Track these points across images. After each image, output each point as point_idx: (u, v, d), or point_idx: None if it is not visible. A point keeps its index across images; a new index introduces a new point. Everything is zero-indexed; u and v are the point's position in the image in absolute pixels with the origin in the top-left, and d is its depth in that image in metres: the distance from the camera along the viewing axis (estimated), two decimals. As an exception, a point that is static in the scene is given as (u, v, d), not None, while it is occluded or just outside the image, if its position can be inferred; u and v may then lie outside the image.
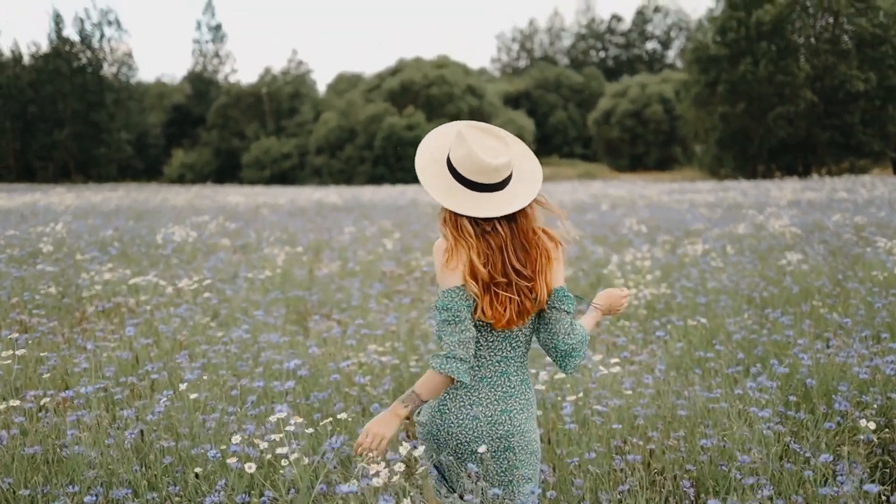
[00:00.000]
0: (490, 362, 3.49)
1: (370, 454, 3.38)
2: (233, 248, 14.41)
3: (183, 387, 5.12)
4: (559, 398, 5.66)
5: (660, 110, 76.78)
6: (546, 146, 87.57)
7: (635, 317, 8.75)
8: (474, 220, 3.39)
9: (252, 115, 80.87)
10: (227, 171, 77.22)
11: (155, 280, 8.64)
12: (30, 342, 6.91)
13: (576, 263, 11.65)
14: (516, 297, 3.38)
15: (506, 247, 3.39)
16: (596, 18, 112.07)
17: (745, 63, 56.32)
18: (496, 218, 3.38)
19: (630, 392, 5.55)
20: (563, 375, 5.54)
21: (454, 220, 3.42)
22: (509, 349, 3.50)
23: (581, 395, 5.50)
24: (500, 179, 3.39)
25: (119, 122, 79.75)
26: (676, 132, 75.39)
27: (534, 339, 3.62)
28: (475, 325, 3.43)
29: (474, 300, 3.36)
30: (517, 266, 3.39)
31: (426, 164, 3.51)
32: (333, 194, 33.50)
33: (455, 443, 3.51)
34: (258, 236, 15.97)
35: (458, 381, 3.44)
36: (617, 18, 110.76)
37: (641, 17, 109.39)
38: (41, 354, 6.55)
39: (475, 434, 3.48)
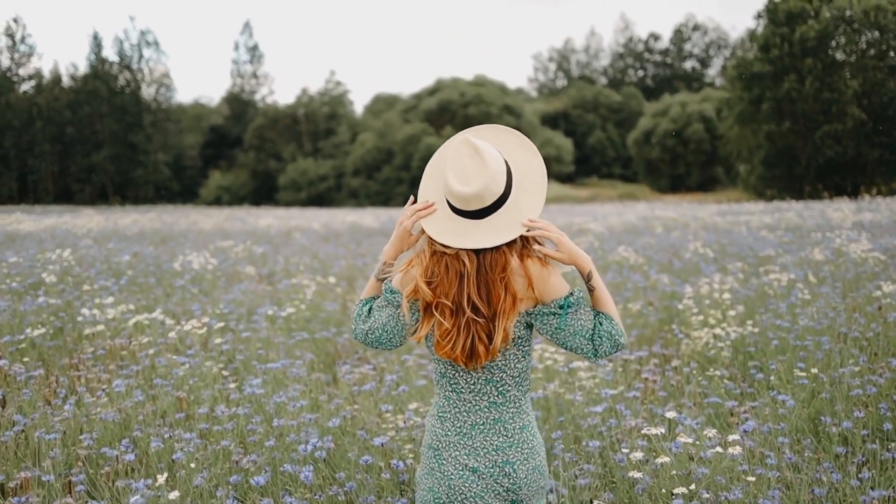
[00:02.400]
0: (478, 407, 3.21)
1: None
2: (258, 276, 13.24)
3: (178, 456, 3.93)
4: (663, 490, 4.38)
5: (701, 129, 75.56)
6: (585, 167, 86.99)
7: (720, 360, 7.49)
8: (437, 242, 3.16)
9: (289, 136, 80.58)
10: (263, 192, 76.89)
11: (161, 317, 7.44)
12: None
13: (642, 295, 10.40)
14: (465, 333, 3.10)
15: (466, 277, 3.11)
16: (634, 37, 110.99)
17: (790, 80, 55.04)
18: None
19: (752, 478, 4.27)
20: (664, 459, 4.28)
21: (420, 232, 3.27)
22: (496, 393, 3.20)
23: (693, 486, 4.21)
24: (472, 208, 3.11)
25: (156, 144, 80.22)
26: (718, 152, 73.99)
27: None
28: (451, 364, 3.20)
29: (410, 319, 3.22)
30: (475, 301, 3.10)
31: (431, 174, 3.32)
32: (369, 216, 32.39)
33: (459, 498, 3.18)
34: (286, 263, 14.81)
35: (441, 423, 3.25)
36: (655, 37, 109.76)
37: (679, 36, 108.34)
38: (9, 414, 5.39)
39: (478, 489, 3.18)
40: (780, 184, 57.01)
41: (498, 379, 3.19)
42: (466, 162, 3.09)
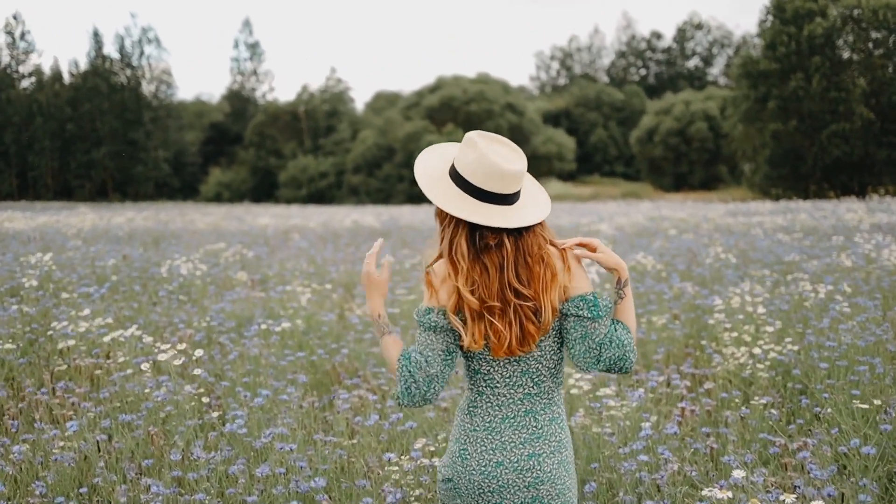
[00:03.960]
0: (511, 401, 3.20)
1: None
2: (250, 282, 12.45)
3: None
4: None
5: (704, 128, 75.01)
6: (587, 164, 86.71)
7: (758, 383, 6.74)
8: (473, 238, 3.13)
9: (289, 133, 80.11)
10: (263, 189, 76.40)
11: (139, 333, 6.67)
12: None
13: (666, 306, 9.65)
14: (515, 322, 3.11)
15: (507, 265, 3.12)
16: (636, 36, 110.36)
17: (797, 78, 54.43)
18: (504, 231, 3.13)
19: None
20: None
21: (450, 236, 3.16)
22: (532, 384, 3.20)
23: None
24: (512, 190, 3.14)
25: (157, 141, 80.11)
26: (722, 151, 73.45)
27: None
28: (488, 360, 3.20)
29: (457, 333, 3.16)
30: (517, 286, 3.11)
31: (426, 171, 3.26)
32: (370, 215, 31.57)
33: (478, 493, 3.17)
34: (281, 268, 14.01)
35: (471, 418, 3.24)
36: (657, 36, 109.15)
37: (682, 35, 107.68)
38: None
39: (500, 483, 3.15)
40: (785, 183, 56.39)
41: (534, 370, 3.19)
42: (498, 147, 3.14)
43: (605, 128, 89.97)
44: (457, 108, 74.40)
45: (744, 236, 18.12)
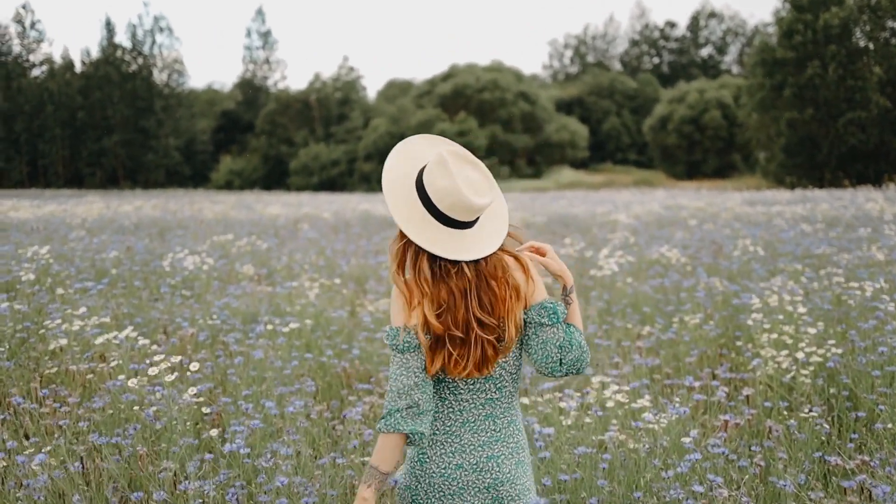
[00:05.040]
0: (473, 405, 3.22)
1: None
2: (257, 276, 11.94)
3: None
4: None
5: (718, 116, 74.36)
6: (600, 152, 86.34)
7: (801, 389, 6.24)
8: (436, 262, 3.12)
9: (301, 121, 79.69)
10: (274, 177, 76.00)
11: (134, 335, 6.19)
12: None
13: (697, 304, 9.13)
14: (477, 350, 3.11)
15: (470, 292, 3.11)
16: (650, 24, 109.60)
17: (813, 66, 53.80)
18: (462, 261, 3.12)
19: None
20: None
21: (413, 260, 3.13)
22: (494, 390, 3.23)
23: None
24: (474, 217, 3.13)
25: (168, 129, 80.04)
26: (736, 139, 72.84)
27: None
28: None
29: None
30: (480, 316, 3.11)
31: (393, 183, 3.17)
32: (381, 204, 31.05)
33: (439, 495, 3.18)
34: (290, 260, 13.49)
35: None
36: (671, 24, 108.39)
37: (696, 23, 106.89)
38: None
39: (460, 485, 3.17)
40: (800, 171, 55.75)
41: (497, 376, 3.22)
42: (472, 174, 3.09)
43: (618, 116, 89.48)
44: (469, 97, 74.11)
45: (767, 227, 17.56)
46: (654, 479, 4.55)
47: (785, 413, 5.73)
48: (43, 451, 4.27)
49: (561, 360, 3.19)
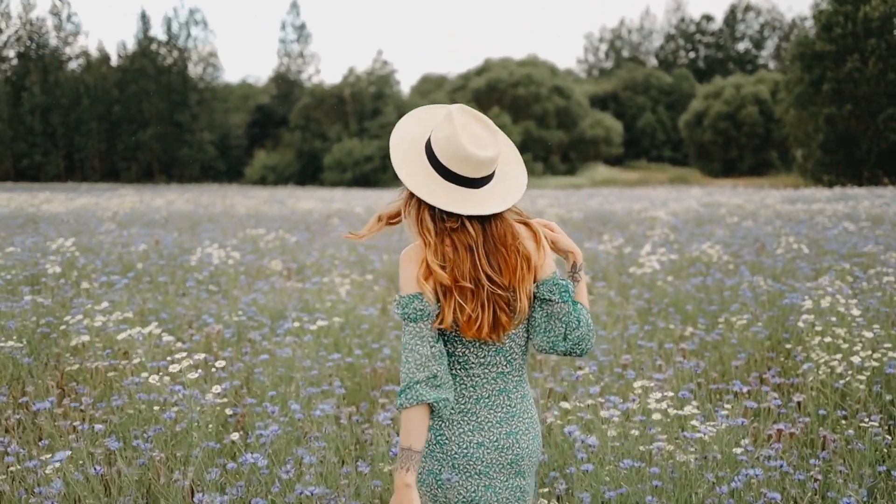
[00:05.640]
0: (485, 380, 3.15)
1: None
2: (287, 272, 11.69)
3: None
4: None
5: (755, 112, 73.57)
6: (634, 149, 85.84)
7: (855, 396, 5.88)
8: (437, 215, 3.04)
9: (335, 116, 79.53)
10: (308, 172, 75.92)
11: (158, 332, 5.95)
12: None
13: (746, 306, 8.75)
14: (489, 307, 3.02)
15: (476, 249, 3.03)
16: (686, 18, 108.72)
17: (853, 61, 53.02)
18: (465, 215, 3.02)
19: None
20: None
21: (415, 212, 3.07)
22: (505, 363, 3.16)
23: None
24: (478, 175, 3.03)
25: (202, 123, 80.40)
26: (773, 135, 72.02)
27: None
28: (462, 341, 3.11)
29: (435, 309, 3.03)
30: (489, 272, 3.02)
31: (402, 139, 3.14)
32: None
33: (464, 476, 3.10)
34: (320, 255, 13.21)
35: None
36: (707, 18, 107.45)
37: (733, 17, 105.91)
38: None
39: (484, 463, 3.11)
40: (838, 169, 55.01)
41: (508, 349, 3.16)
42: (475, 128, 3.04)
43: (653, 112, 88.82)
44: (503, 91, 73.83)
45: (810, 225, 17.14)
46: (707, 495, 4.24)
47: (843, 422, 5.40)
48: (57, 455, 4.00)
49: (566, 335, 3.12)
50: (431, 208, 3.06)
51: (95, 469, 4.07)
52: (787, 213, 21.28)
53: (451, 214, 3.04)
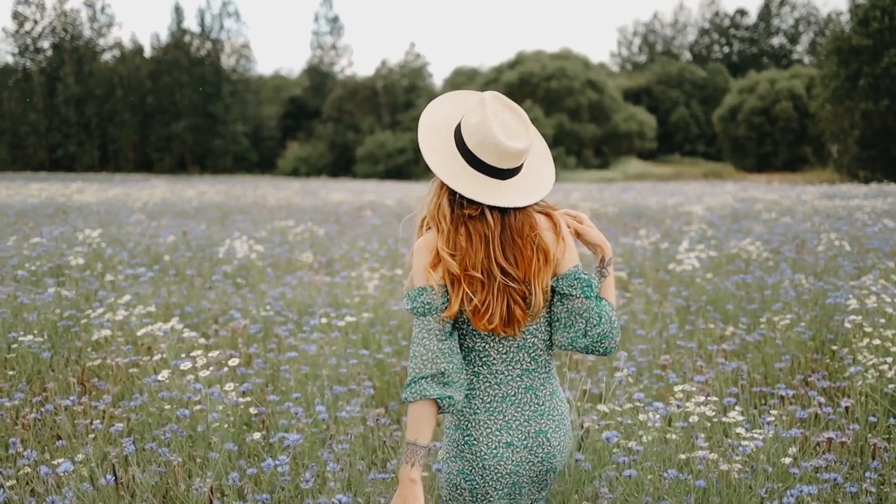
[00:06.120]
0: (510, 377, 3.07)
1: None
2: (316, 265, 11.49)
3: None
4: None
5: (789, 107, 72.72)
6: (667, 143, 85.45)
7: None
8: (456, 201, 2.97)
9: (367, 108, 79.58)
10: (341, 164, 76.03)
11: (180, 327, 5.76)
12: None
13: (789, 305, 8.45)
14: (502, 299, 2.94)
15: (491, 240, 2.94)
16: (720, 12, 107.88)
17: (890, 55, 52.34)
18: (484, 204, 2.94)
19: None
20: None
21: (435, 196, 3.03)
22: (529, 360, 3.08)
23: None
24: (507, 166, 2.94)
25: (235, 115, 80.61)
26: (808, 131, 71.25)
27: None
28: (481, 335, 3.03)
29: (444, 302, 2.95)
30: (503, 263, 2.94)
31: (432, 122, 3.07)
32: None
33: (495, 477, 3.02)
34: (350, 248, 13.01)
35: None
36: (741, 12, 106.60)
37: (767, 12, 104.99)
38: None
39: (515, 463, 3.04)
40: (874, 165, 54.35)
41: (530, 345, 3.08)
42: (507, 117, 2.95)
43: (686, 106, 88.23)
44: (536, 85, 73.52)
45: (850, 222, 16.77)
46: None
47: (895, 430, 5.13)
48: (63, 466, 3.80)
49: (586, 331, 3.01)
50: (452, 194, 2.99)
51: (106, 478, 3.87)
52: (825, 209, 20.90)
53: (471, 202, 2.96)
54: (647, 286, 10.14)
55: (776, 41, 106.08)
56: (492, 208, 2.96)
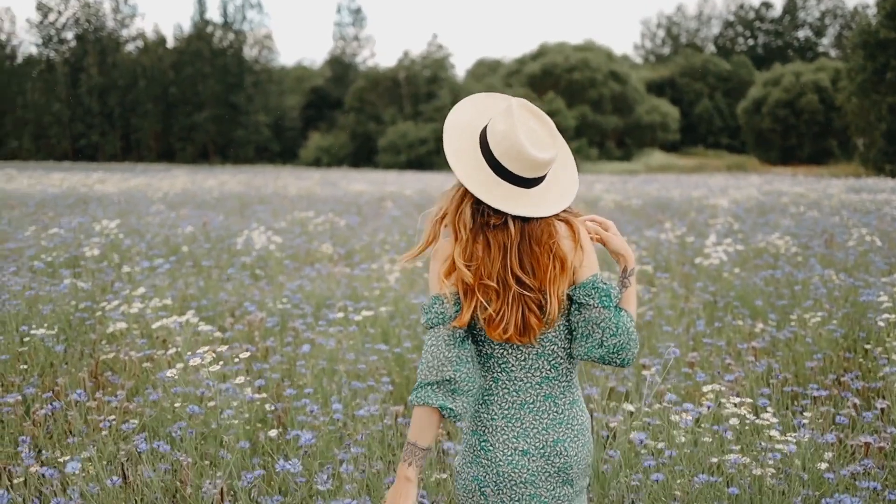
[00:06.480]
0: (529, 385, 3.00)
1: None
2: (336, 256, 11.32)
3: None
4: None
5: (815, 100, 72.17)
6: (691, 136, 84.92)
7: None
8: (480, 210, 2.89)
9: (389, 99, 79.48)
10: (362, 155, 75.95)
11: (195, 321, 5.62)
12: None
13: (820, 302, 8.21)
14: (517, 310, 2.87)
15: (509, 249, 2.88)
16: (745, 5, 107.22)
17: (918, 49, 51.97)
18: (509, 215, 2.86)
19: None
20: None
21: (457, 203, 2.93)
22: (549, 368, 3.00)
23: None
24: (532, 175, 2.87)
25: (257, 105, 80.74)
26: (833, 124, 70.68)
27: None
28: (499, 342, 2.96)
29: (456, 310, 2.90)
30: (518, 273, 2.87)
31: (456, 125, 2.99)
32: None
33: (510, 485, 2.97)
34: (371, 240, 12.84)
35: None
36: (767, 5, 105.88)
37: (793, 4, 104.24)
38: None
39: (530, 472, 2.97)
40: (901, 158, 53.97)
41: (549, 352, 3.01)
42: (534, 125, 2.89)
43: (710, 98, 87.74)
44: (559, 76, 73.30)
45: (878, 216, 16.50)
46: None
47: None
48: (70, 466, 3.66)
49: (602, 342, 2.93)
50: (476, 202, 2.92)
51: (112, 480, 3.71)
52: (852, 203, 20.63)
53: (496, 211, 2.89)
54: (672, 280, 9.95)
55: (801, 34, 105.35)
56: (515, 217, 2.90)
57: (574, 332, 2.99)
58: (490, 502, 3.02)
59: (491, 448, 3.00)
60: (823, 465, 4.03)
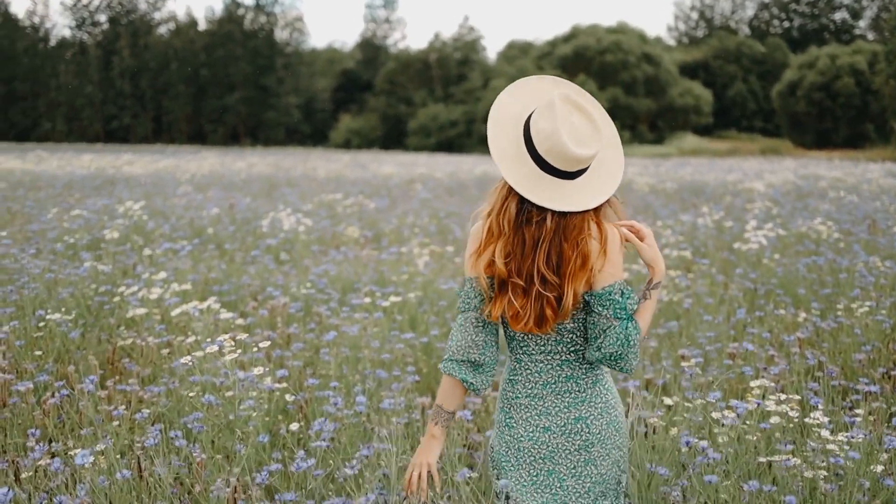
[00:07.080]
0: (550, 367, 3.15)
1: (419, 487, 3.18)
2: (363, 239, 11.07)
3: None
4: None
5: (851, 83, 71.18)
6: (724, 118, 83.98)
7: None
8: (524, 205, 2.98)
9: (420, 81, 79.31)
10: (393, 137, 75.81)
11: (216, 307, 5.40)
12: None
13: (867, 291, 7.84)
14: (537, 305, 3.01)
15: (542, 243, 2.97)
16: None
17: (957, 31, 51.18)
18: (550, 210, 2.96)
19: None
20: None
21: (504, 198, 3.02)
22: (567, 352, 3.13)
23: None
24: (576, 169, 2.94)
25: (288, 87, 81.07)
26: (870, 107, 69.75)
27: None
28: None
29: (482, 297, 3.11)
30: (543, 270, 2.98)
31: (498, 120, 3.02)
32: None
33: (530, 460, 3.14)
34: (400, 223, 12.57)
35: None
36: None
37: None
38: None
39: (550, 448, 3.12)
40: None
41: (568, 340, 3.12)
42: (576, 120, 2.91)
43: (744, 81, 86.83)
44: (590, 59, 72.75)
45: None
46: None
47: None
48: (79, 458, 3.45)
49: (600, 346, 3.02)
50: (521, 200, 2.98)
51: (122, 474, 3.51)
52: (893, 187, 20.18)
53: (539, 207, 2.96)
54: (711, 266, 9.64)
55: (838, 16, 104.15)
56: (554, 212, 2.97)
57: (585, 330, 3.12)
58: (510, 477, 3.16)
59: (514, 424, 3.17)
60: (880, 469, 3.76)
